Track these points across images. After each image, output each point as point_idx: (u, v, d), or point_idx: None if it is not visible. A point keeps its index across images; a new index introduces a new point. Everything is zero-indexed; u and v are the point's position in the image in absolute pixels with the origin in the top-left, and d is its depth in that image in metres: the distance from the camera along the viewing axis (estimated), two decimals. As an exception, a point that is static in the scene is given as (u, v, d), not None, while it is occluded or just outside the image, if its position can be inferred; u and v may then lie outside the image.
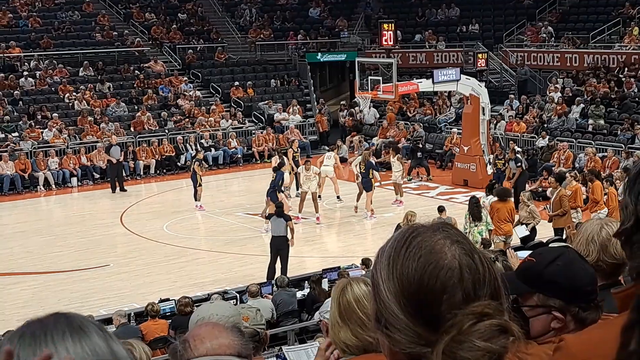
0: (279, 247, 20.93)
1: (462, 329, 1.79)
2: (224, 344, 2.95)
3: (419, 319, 1.83)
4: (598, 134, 33.55)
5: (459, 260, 1.86)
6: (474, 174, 31.29)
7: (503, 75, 42.95)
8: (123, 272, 22.25)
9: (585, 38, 41.62)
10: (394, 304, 1.86)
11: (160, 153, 36.30)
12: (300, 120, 41.27)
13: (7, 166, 33.04)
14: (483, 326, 1.80)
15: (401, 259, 1.88)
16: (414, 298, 1.84)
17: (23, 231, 27.25)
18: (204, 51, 46.34)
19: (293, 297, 17.24)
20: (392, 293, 1.87)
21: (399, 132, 38.61)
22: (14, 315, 18.34)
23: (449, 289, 1.83)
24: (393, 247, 1.93)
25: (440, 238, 1.90)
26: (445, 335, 1.80)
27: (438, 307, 1.82)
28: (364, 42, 49.27)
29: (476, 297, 1.83)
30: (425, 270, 1.84)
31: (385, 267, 1.91)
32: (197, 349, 2.92)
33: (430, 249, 1.87)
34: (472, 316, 1.80)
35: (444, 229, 1.94)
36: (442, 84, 31.04)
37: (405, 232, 1.94)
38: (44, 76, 40.00)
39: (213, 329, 3.01)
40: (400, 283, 1.86)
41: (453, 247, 1.88)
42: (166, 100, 40.79)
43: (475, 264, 1.87)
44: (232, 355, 2.93)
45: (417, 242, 1.89)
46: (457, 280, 1.83)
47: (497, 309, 1.83)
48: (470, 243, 1.92)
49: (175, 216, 28.32)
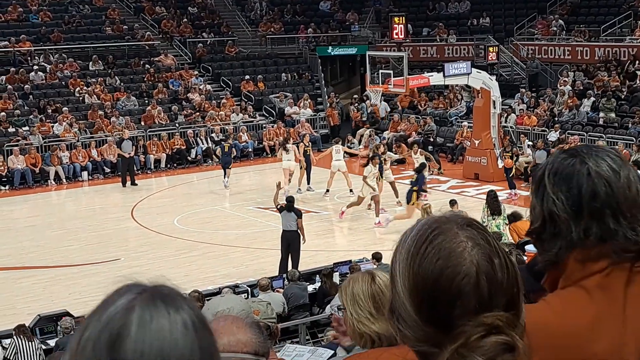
0: (290, 241, 20.89)
1: (469, 340, 1.79)
2: (242, 341, 2.92)
3: (430, 319, 1.83)
4: (609, 127, 33.46)
5: (477, 267, 1.83)
6: (485, 168, 31.24)
7: (514, 69, 42.86)
8: (134, 266, 22.24)
9: (596, 31, 41.47)
10: (407, 300, 1.86)
11: (171, 147, 36.29)
12: (311, 114, 41.22)
13: (18, 160, 33.09)
14: (489, 342, 1.78)
15: (419, 257, 1.86)
16: (427, 299, 1.83)
17: (34, 225, 27.29)
18: (214, 45, 46.32)
19: (304, 291, 17.24)
20: (407, 289, 1.86)
21: (410, 125, 38.54)
22: (24, 309, 18.39)
23: (464, 296, 1.81)
24: (414, 241, 1.90)
25: (462, 239, 1.87)
26: (453, 342, 1.79)
27: (450, 311, 1.81)
28: (375, 36, 49.17)
29: (491, 305, 1.81)
30: (442, 274, 1.83)
31: (403, 261, 1.89)
32: None
33: (450, 252, 1.85)
34: (482, 328, 1.79)
35: (468, 227, 1.91)
36: (453, 78, 30.99)
37: (429, 226, 1.91)
38: (55, 70, 40.04)
39: (231, 325, 2.98)
40: (415, 281, 1.85)
41: (474, 251, 1.85)
42: (176, 94, 40.80)
43: (494, 270, 1.85)
44: (248, 353, 2.90)
45: (438, 242, 1.86)
46: (473, 287, 1.82)
47: (509, 321, 1.82)
48: (493, 245, 1.89)
49: (186, 210, 28.32)
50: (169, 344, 1.62)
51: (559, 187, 2.33)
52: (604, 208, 2.29)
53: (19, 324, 14.91)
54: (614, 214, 2.29)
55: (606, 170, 2.32)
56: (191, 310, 1.69)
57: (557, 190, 2.32)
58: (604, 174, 2.31)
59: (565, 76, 38.42)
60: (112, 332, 1.62)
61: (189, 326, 1.65)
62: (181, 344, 1.63)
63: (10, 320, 16.80)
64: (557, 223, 2.33)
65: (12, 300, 19.96)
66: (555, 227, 2.33)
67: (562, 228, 2.32)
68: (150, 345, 1.60)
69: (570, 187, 2.31)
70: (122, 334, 1.61)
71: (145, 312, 1.64)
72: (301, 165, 30.07)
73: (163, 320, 1.64)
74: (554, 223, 2.33)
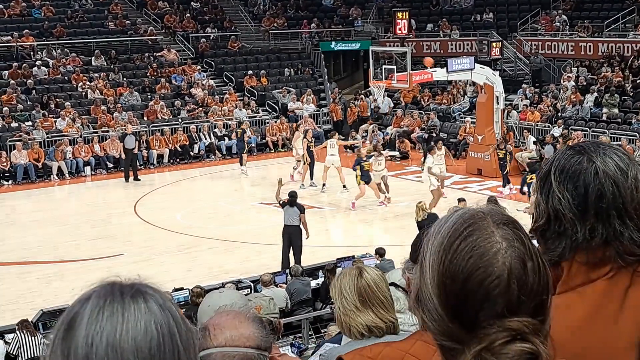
0: (292, 236, 20.90)
1: (493, 344, 1.77)
2: (244, 335, 2.91)
3: (455, 316, 1.80)
4: (612, 123, 33.42)
5: (509, 270, 1.80)
6: (488, 163, 31.21)
7: (517, 64, 42.84)
8: (137, 261, 22.25)
9: (600, 27, 41.43)
10: (434, 294, 1.83)
11: (174, 142, 36.29)
12: (314, 109, 41.20)
13: (21, 155, 33.11)
14: (514, 350, 1.76)
15: (452, 253, 1.83)
16: (455, 296, 1.80)
17: (37, 220, 27.30)
18: (217, 40, 46.34)
19: (307, 286, 17.26)
20: (436, 283, 1.83)
21: (413, 121, 38.53)
22: (28, 304, 18.41)
23: (492, 298, 1.79)
24: (448, 234, 1.87)
25: (497, 239, 1.84)
26: (476, 343, 1.78)
27: (477, 312, 1.78)
28: (378, 31, 49.16)
29: (518, 310, 1.79)
30: (473, 274, 1.80)
31: (435, 253, 1.86)
32: (216, 339, 2.89)
33: (484, 252, 1.82)
34: (507, 333, 1.77)
35: (505, 225, 1.87)
36: (456, 73, 30.99)
37: (464, 220, 1.88)
38: (57, 65, 40.05)
39: (234, 319, 2.98)
40: (444, 277, 1.82)
41: (507, 253, 1.82)
42: (179, 89, 40.79)
43: (526, 274, 1.82)
44: (251, 347, 2.90)
45: (472, 240, 1.83)
46: (503, 291, 1.79)
47: (535, 328, 1.80)
48: (528, 246, 1.86)
49: (189, 205, 28.33)
50: (120, 333, 1.61)
51: (565, 185, 2.31)
52: (610, 209, 2.27)
53: (22, 319, 14.94)
54: (620, 215, 2.27)
55: (614, 169, 2.30)
56: (155, 302, 1.68)
57: (563, 189, 2.31)
58: (612, 174, 2.29)
59: (568, 72, 38.36)
60: (67, 322, 1.64)
61: (148, 316, 1.64)
62: (135, 334, 1.62)
63: (14, 315, 16.84)
64: (562, 222, 2.32)
65: (16, 295, 19.97)
66: (560, 225, 2.32)
67: (567, 227, 2.30)
68: (100, 334, 1.60)
69: (577, 186, 2.30)
70: (75, 323, 1.63)
71: (99, 301, 1.65)
72: (304, 161, 30.09)
73: (117, 309, 1.63)
74: (559, 222, 2.32)
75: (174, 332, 1.67)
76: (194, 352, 1.71)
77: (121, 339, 1.60)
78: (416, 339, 2.83)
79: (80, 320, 1.63)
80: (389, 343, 3.09)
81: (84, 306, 1.65)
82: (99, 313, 1.63)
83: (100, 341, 1.59)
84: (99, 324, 1.61)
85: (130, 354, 1.60)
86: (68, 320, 1.64)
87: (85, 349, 1.59)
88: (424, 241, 1.94)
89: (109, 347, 1.59)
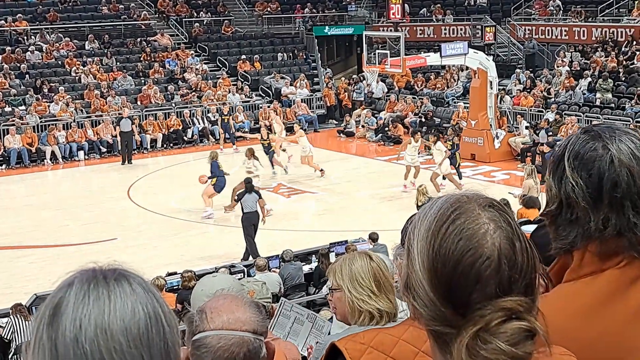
0: (255, 222, 20.93)
1: (489, 324, 1.76)
2: (241, 319, 2.93)
3: (447, 300, 1.79)
4: (606, 108, 33.43)
5: (499, 250, 1.80)
6: (482, 148, 31.24)
7: (511, 49, 42.79)
8: (131, 245, 22.27)
9: (594, 11, 41.41)
10: (424, 279, 1.82)
11: (167, 127, 36.26)
12: (308, 94, 41.15)
13: (14, 140, 33.07)
14: (511, 328, 1.76)
15: (440, 237, 1.82)
16: (446, 280, 1.79)
17: (30, 205, 27.28)
18: (210, 24, 46.21)
19: (299, 271, 17.29)
20: (426, 268, 1.82)
21: (407, 106, 38.52)
22: (22, 288, 18.39)
23: (484, 280, 1.78)
24: (435, 219, 1.86)
25: (485, 221, 1.83)
26: (471, 325, 1.77)
27: (469, 294, 1.78)
28: (372, 16, 49.08)
29: (510, 290, 1.79)
30: (463, 256, 1.79)
31: (423, 239, 1.85)
32: (213, 322, 2.91)
33: (472, 234, 1.81)
34: (502, 313, 1.77)
35: (490, 207, 1.87)
36: (449, 58, 30.95)
37: (450, 205, 1.87)
38: (51, 50, 39.95)
39: (231, 303, 3.00)
40: (435, 262, 1.81)
41: (496, 234, 1.82)
42: (173, 74, 40.71)
43: (515, 254, 1.82)
44: (247, 331, 2.92)
45: (460, 223, 1.82)
46: (494, 272, 1.78)
47: (528, 306, 1.80)
48: (515, 228, 1.86)
49: (182, 190, 28.32)
50: (108, 314, 1.62)
51: (578, 172, 2.28)
52: (625, 199, 2.24)
53: (16, 303, 14.94)
54: (635, 206, 2.25)
55: (629, 157, 2.26)
56: (138, 284, 1.70)
57: (577, 176, 2.28)
58: (627, 162, 2.25)
59: (562, 57, 38.36)
60: (52, 308, 1.64)
61: (133, 297, 1.66)
62: (123, 315, 1.63)
63: (8, 299, 16.84)
64: (574, 210, 2.29)
65: (9, 279, 19.99)
66: (572, 213, 2.29)
67: (580, 216, 2.28)
68: (88, 316, 1.62)
69: (591, 174, 2.26)
70: (60, 308, 1.64)
71: (83, 286, 1.66)
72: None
73: (103, 293, 1.65)
74: (571, 209, 2.29)
75: (159, 312, 1.69)
76: (177, 333, 1.72)
77: (110, 320, 1.61)
78: (409, 325, 2.85)
79: (66, 305, 1.64)
80: (382, 329, 3.11)
81: (68, 291, 1.66)
82: (84, 297, 1.64)
83: (89, 323, 1.60)
84: (85, 307, 1.63)
85: (119, 334, 1.61)
86: (53, 306, 1.65)
87: (73, 332, 1.60)
88: (409, 229, 1.93)
89: (97, 329, 1.60)
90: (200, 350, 2.89)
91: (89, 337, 1.60)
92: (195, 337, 2.91)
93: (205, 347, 2.88)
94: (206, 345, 2.88)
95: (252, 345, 2.92)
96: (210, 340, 2.88)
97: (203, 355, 2.89)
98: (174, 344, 1.71)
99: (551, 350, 1.84)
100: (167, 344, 1.68)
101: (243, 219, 21.01)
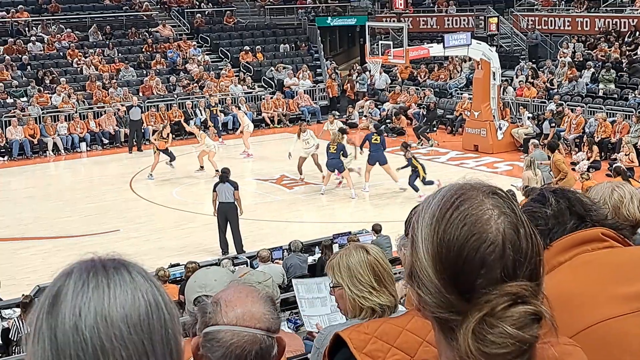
0: (227, 214, 20.67)
1: (495, 309, 1.76)
2: (255, 316, 2.89)
3: (452, 287, 1.79)
4: (609, 99, 33.37)
5: (503, 236, 1.81)
6: (485, 139, 31.21)
7: (514, 40, 42.74)
8: (133, 237, 22.25)
9: (596, 2, 41.33)
10: (429, 267, 1.82)
11: (169, 118, 36.21)
12: (310, 85, 41.10)
13: (16, 131, 33.06)
14: (517, 312, 1.77)
15: (444, 223, 1.83)
16: (451, 266, 1.80)
17: (32, 196, 27.28)
18: (212, 15, 46.18)
19: (304, 263, 17.25)
20: (430, 255, 1.82)
21: (410, 97, 38.47)
22: (24, 280, 18.38)
23: (488, 265, 1.78)
24: (439, 206, 1.86)
25: (489, 207, 1.84)
26: (477, 311, 1.77)
27: (474, 280, 1.78)
28: (375, 6, 49.06)
29: (515, 275, 1.79)
30: (467, 241, 1.79)
31: (427, 226, 1.86)
32: (227, 315, 2.87)
33: (477, 219, 1.82)
34: (507, 297, 1.77)
35: (494, 195, 1.88)
36: (453, 49, 30.89)
37: (454, 192, 1.88)
38: (52, 41, 39.92)
39: (247, 297, 2.96)
40: (439, 248, 1.81)
41: (500, 220, 1.82)
42: (175, 65, 40.68)
43: (520, 240, 1.82)
44: (260, 329, 2.88)
45: (464, 209, 1.83)
46: (498, 256, 1.79)
47: (533, 291, 1.80)
48: (519, 214, 1.87)
49: (184, 181, 28.30)
50: (108, 302, 1.62)
51: None
52: None
53: (24, 302, 14.34)
54: None
55: None
56: (138, 273, 1.71)
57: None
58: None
59: (565, 47, 38.29)
60: (51, 297, 1.66)
61: (133, 285, 1.66)
62: (123, 302, 1.64)
63: (10, 290, 16.81)
64: None
65: (12, 271, 19.94)
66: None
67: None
68: (88, 304, 1.62)
69: None
70: (59, 297, 1.64)
71: (82, 274, 1.67)
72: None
73: (102, 281, 1.65)
74: None
75: (159, 300, 1.69)
76: (178, 322, 1.72)
77: (110, 308, 1.61)
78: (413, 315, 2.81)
79: (66, 294, 1.64)
80: (386, 319, 3.08)
81: (67, 280, 1.67)
82: (83, 285, 1.65)
83: (89, 311, 1.61)
84: (85, 295, 1.63)
85: (120, 321, 1.61)
86: (52, 295, 1.66)
87: (73, 320, 1.60)
88: (413, 218, 1.94)
89: (97, 316, 1.60)
90: (211, 343, 2.88)
91: (88, 324, 1.60)
92: (208, 330, 2.89)
93: (218, 341, 2.87)
94: (218, 339, 2.86)
95: (264, 343, 2.90)
96: (223, 335, 2.86)
97: (214, 348, 2.87)
98: (175, 333, 1.71)
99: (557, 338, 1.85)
100: (167, 332, 1.68)
101: (217, 209, 20.81)
